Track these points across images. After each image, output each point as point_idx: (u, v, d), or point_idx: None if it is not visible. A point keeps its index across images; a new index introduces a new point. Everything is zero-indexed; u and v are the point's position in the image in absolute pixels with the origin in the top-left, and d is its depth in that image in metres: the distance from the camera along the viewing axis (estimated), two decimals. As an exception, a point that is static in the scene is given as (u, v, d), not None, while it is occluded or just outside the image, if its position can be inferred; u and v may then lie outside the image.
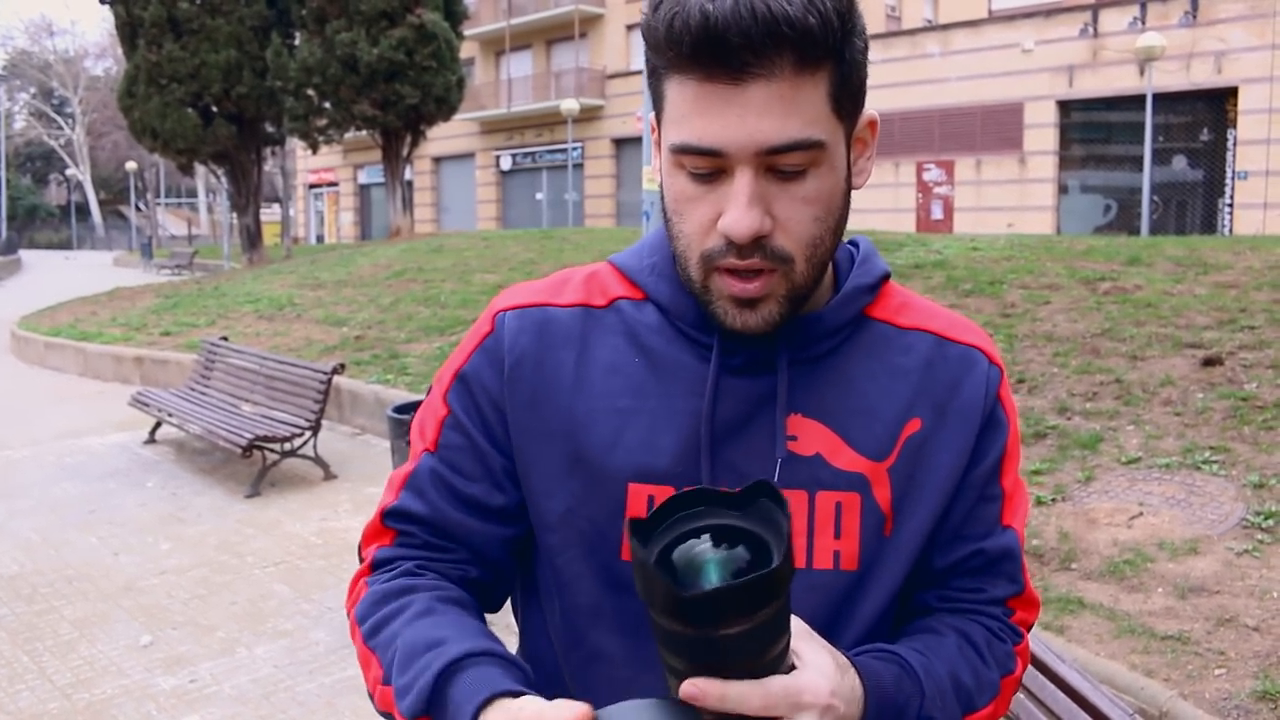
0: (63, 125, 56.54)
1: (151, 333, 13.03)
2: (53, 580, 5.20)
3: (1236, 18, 19.91)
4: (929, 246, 11.13)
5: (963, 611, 1.02)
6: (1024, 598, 1.05)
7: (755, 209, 0.86)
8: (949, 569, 1.02)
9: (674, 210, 0.93)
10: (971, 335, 1.05)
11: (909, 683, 0.90)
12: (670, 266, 1.01)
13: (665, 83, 0.89)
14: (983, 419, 1.01)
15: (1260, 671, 3.51)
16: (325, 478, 7.07)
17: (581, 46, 33.26)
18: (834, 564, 0.97)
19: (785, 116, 0.84)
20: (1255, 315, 7.22)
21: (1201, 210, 21.47)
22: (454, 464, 1.03)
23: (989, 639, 1.01)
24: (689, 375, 0.98)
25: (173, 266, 30.86)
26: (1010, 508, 1.03)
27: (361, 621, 0.99)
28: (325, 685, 4.00)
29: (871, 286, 1.03)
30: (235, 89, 21.90)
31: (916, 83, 24.13)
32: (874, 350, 1.01)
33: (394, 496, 1.04)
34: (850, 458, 0.97)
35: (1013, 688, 1.02)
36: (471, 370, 1.03)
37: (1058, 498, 5.10)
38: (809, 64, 0.83)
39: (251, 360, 8.12)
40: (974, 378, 1.02)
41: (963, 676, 0.96)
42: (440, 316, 11.34)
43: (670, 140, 0.89)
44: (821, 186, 0.89)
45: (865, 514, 0.97)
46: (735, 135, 0.84)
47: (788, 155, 0.85)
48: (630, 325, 1.02)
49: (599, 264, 1.09)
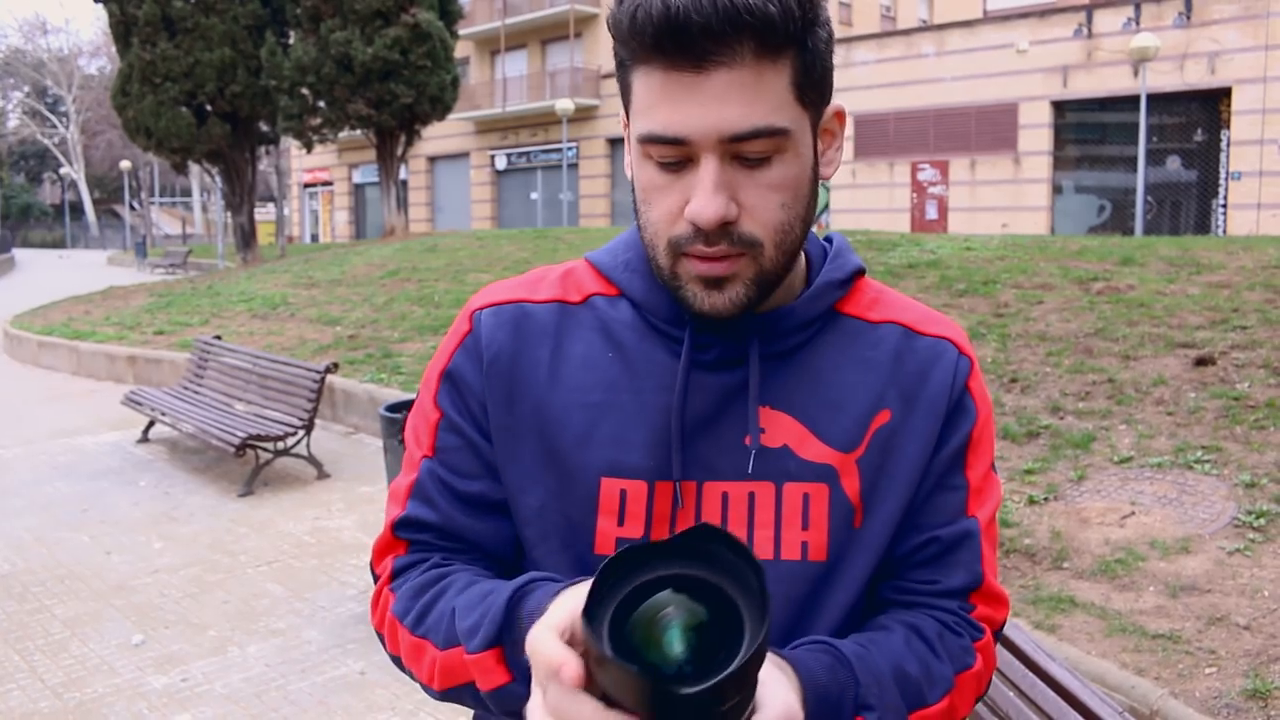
0: (56, 124, 56.41)
1: (145, 332, 13.01)
2: (44, 579, 5.19)
3: (1230, 19, 19.96)
4: (923, 246, 11.14)
5: (916, 605, 1.00)
6: (984, 591, 1.01)
7: (720, 195, 0.87)
8: (905, 557, 1.01)
9: (643, 200, 0.94)
10: (942, 327, 1.05)
11: (843, 672, 0.88)
12: (643, 263, 1.02)
13: (631, 75, 0.90)
14: (949, 407, 1.01)
15: (1251, 670, 3.52)
16: (318, 477, 7.06)
17: (576, 46, 33.24)
18: (802, 555, 0.97)
19: (748, 104, 0.85)
20: (1248, 315, 7.23)
21: (1195, 211, 21.51)
22: (453, 466, 1.03)
23: (941, 632, 0.98)
24: (660, 370, 0.99)
25: (167, 266, 30.79)
26: (976, 500, 1.02)
27: (404, 616, 0.97)
28: (317, 684, 4.00)
29: (843, 281, 1.03)
30: (229, 88, 21.87)
31: (911, 83, 24.16)
32: (844, 344, 1.02)
33: (401, 508, 1.04)
34: (818, 449, 0.98)
35: (973, 685, 0.98)
36: (455, 369, 1.04)
37: (1050, 497, 5.11)
38: (770, 51, 0.85)
39: (245, 359, 8.11)
40: (942, 367, 1.02)
41: (908, 668, 0.93)
42: (434, 316, 11.33)
43: (637, 131, 0.90)
44: (787, 173, 0.90)
45: (834, 505, 0.97)
46: (699, 123, 0.85)
47: (751, 142, 0.87)
48: (604, 321, 1.03)
49: (575, 261, 1.10)
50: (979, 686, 0.99)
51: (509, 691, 0.87)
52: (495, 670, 0.88)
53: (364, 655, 4.21)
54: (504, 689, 0.88)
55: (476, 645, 0.88)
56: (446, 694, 0.94)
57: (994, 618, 1.02)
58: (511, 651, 0.86)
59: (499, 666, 0.87)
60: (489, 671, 0.88)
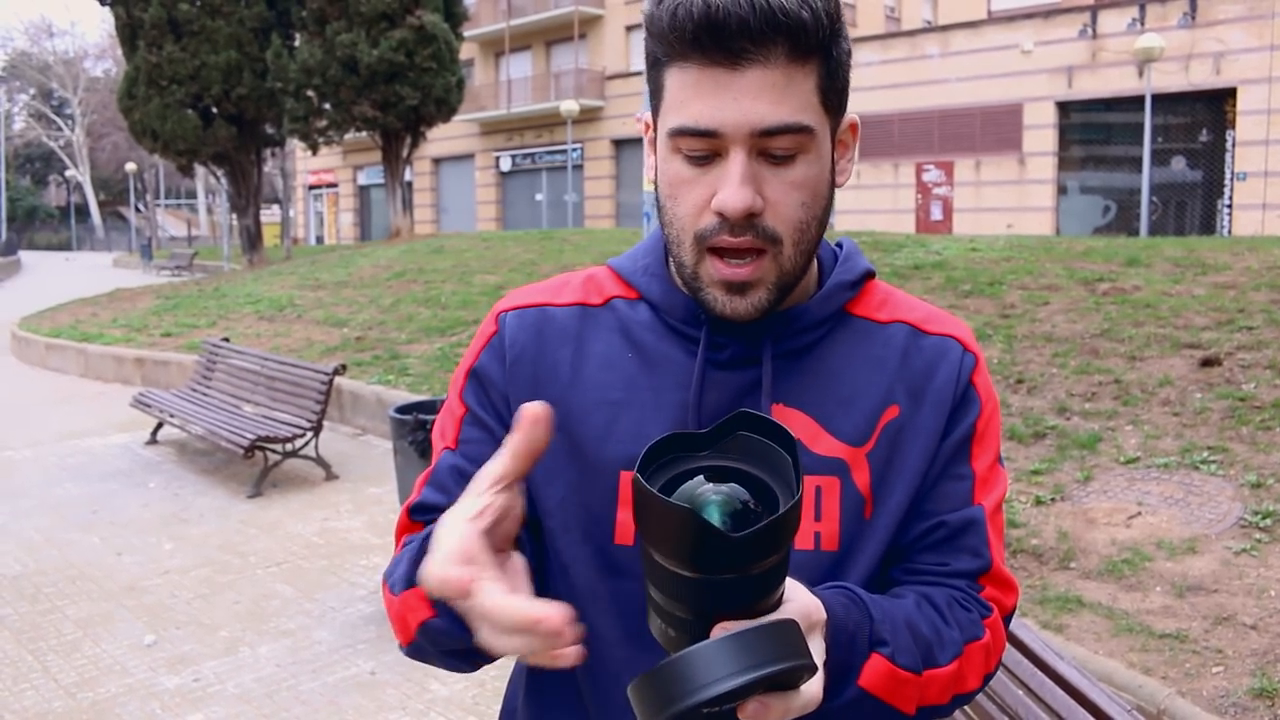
0: (62, 126, 56.53)
1: (152, 334, 13.04)
2: (56, 580, 5.22)
3: (1235, 19, 19.93)
4: (928, 247, 11.15)
5: (927, 583, 1.02)
6: (993, 575, 1.04)
7: (748, 187, 0.91)
8: (913, 542, 1.03)
9: (669, 195, 0.97)
10: (948, 326, 1.09)
11: (857, 610, 0.91)
12: (662, 267, 1.08)
13: (666, 72, 0.94)
14: (954, 401, 1.05)
15: (1257, 669, 3.53)
16: (327, 478, 7.09)
17: (581, 47, 33.27)
18: (815, 545, 1.01)
19: (778, 101, 0.90)
20: (1253, 316, 7.24)
21: (1200, 211, 21.49)
22: (475, 457, 1.05)
23: (950, 602, 1.00)
24: (677, 368, 1.03)
25: (173, 268, 30.86)
26: (981, 489, 1.05)
27: (388, 576, 1.01)
28: (328, 684, 4.02)
29: (853, 283, 1.08)
30: (235, 90, 21.93)
31: (916, 84, 24.15)
32: (854, 343, 1.06)
33: (417, 494, 1.08)
34: (830, 444, 1.01)
35: (981, 657, 1.00)
36: (481, 368, 1.09)
37: (1057, 497, 5.12)
38: (800, 54, 0.90)
39: (252, 361, 8.14)
40: (947, 364, 1.06)
41: (920, 626, 0.95)
42: (441, 317, 11.35)
43: (669, 125, 0.94)
44: (809, 173, 0.94)
45: (845, 497, 1.01)
46: (731, 116, 0.90)
47: (779, 138, 0.91)
48: (624, 322, 1.07)
49: (598, 267, 1.15)
50: (987, 662, 1.01)
51: (433, 627, 0.92)
52: (419, 607, 0.92)
53: (374, 655, 4.24)
54: (428, 624, 0.92)
55: (401, 584, 0.93)
56: (411, 648, 0.98)
57: (1003, 601, 1.05)
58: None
59: (422, 603, 0.91)
60: (414, 609, 0.93)
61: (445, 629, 0.90)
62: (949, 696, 0.97)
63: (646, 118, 1.03)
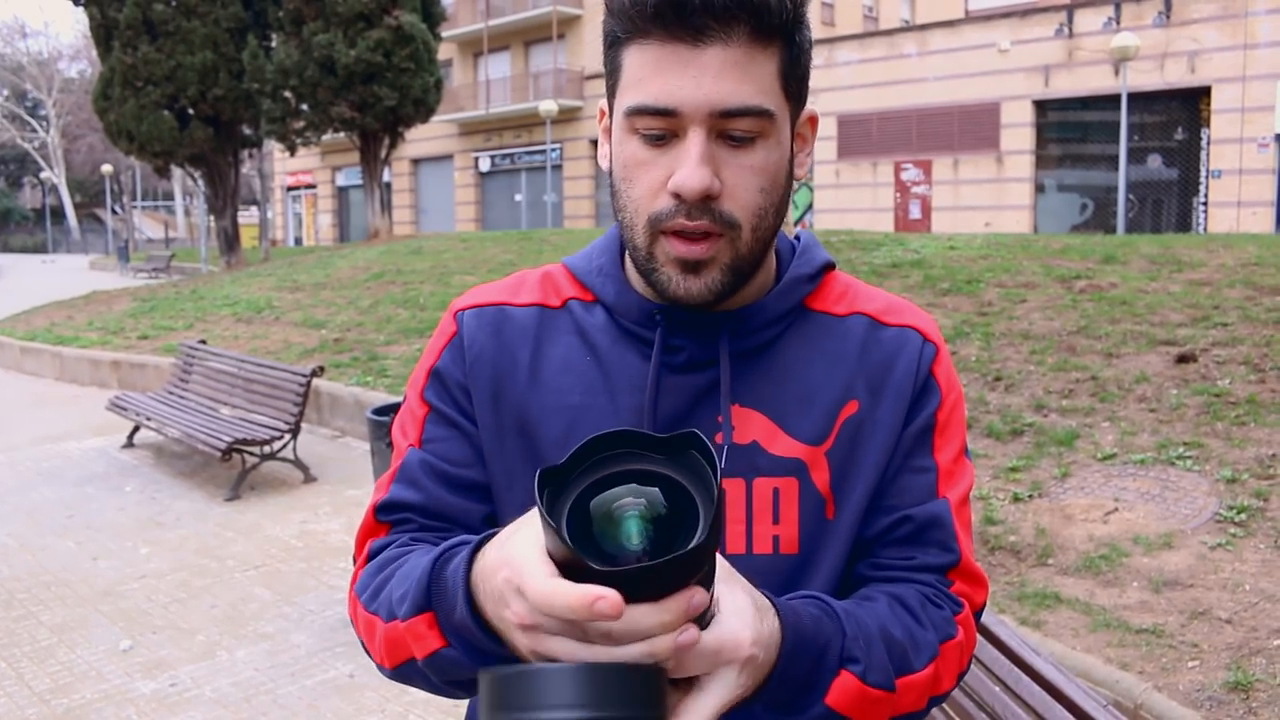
0: (37, 128, 55.97)
1: (129, 336, 12.94)
2: (30, 586, 5.17)
3: (1209, 18, 20.11)
4: (907, 246, 11.19)
5: (895, 580, 1.00)
6: (963, 569, 1.01)
7: (706, 167, 0.89)
8: (877, 537, 1.01)
9: (623, 177, 0.95)
10: (908, 317, 1.07)
11: (829, 623, 0.87)
12: (617, 267, 1.06)
13: (624, 50, 0.92)
14: (914, 392, 1.03)
15: (1232, 663, 3.56)
16: (305, 480, 7.05)
17: (560, 48, 33.22)
18: (774, 548, 0.99)
19: (739, 81, 0.88)
20: (1228, 312, 7.30)
21: (1176, 209, 21.67)
22: (443, 454, 1.05)
23: (923, 602, 0.98)
24: (632, 373, 1.02)
25: (150, 270, 30.60)
26: (946, 482, 1.02)
27: (362, 593, 0.97)
28: (306, 688, 4.00)
29: (811, 276, 1.06)
30: (212, 91, 21.76)
31: (894, 83, 24.26)
32: (813, 338, 1.04)
33: (384, 493, 1.05)
34: (787, 444, 1.00)
35: (956, 655, 0.98)
36: (443, 366, 1.07)
37: (1034, 494, 5.14)
38: (763, 36, 0.88)
39: (230, 363, 8.09)
40: (907, 355, 1.04)
41: (894, 632, 0.92)
42: (419, 318, 11.31)
43: (625, 104, 0.92)
44: (768, 158, 0.92)
45: (804, 498, 0.99)
46: (691, 95, 0.88)
47: (739, 120, 0.89)
48: (581, 325, 1.06)
49: (553, 265, 1.13)
50: (961, 659, 0.99)
51: (442, 657, 0.86)
52: (427, 636, 0.86)
53: (353, 658, 4.21)
54: (438, 654, 0.86)
55: (406, 611, 0.87)
56: (397, 671, 0.93)
57: (973, 597, 1.02)
58: (442, 616, 0.85)
59: (431, 631, 0.86)
60: (421, 638, 0.87)
61: (457, 659, 0.85)
62: (925, 701, 0.95)
63: (602, 104, 1.00)
